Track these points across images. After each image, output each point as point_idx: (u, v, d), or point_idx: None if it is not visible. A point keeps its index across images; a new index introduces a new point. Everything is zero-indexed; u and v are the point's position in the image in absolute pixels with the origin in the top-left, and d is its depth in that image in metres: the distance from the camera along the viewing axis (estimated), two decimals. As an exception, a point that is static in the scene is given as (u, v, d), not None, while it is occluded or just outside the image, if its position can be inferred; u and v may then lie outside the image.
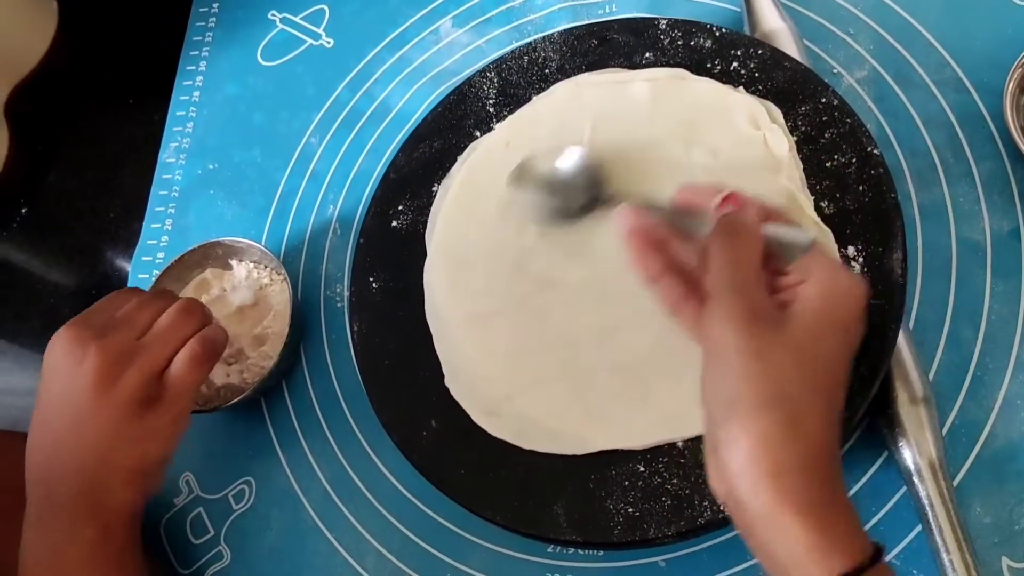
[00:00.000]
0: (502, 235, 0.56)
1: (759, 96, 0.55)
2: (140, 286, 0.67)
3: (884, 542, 0.36)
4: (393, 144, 0.68)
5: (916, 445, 0.47)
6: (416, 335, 0.55)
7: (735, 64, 0.56)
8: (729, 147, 0.53)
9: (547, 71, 0.61)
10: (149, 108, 0.75)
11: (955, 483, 0.49)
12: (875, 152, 0.51)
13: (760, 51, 0.56)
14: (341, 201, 0.67)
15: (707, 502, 0.46)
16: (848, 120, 0.52)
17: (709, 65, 0.57)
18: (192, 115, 0.74)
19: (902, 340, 0.50)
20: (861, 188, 0.50)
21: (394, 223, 0.59)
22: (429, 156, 0.61)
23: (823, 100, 0.53)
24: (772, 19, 0.60)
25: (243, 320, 0.62)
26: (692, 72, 0.57)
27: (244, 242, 0.62)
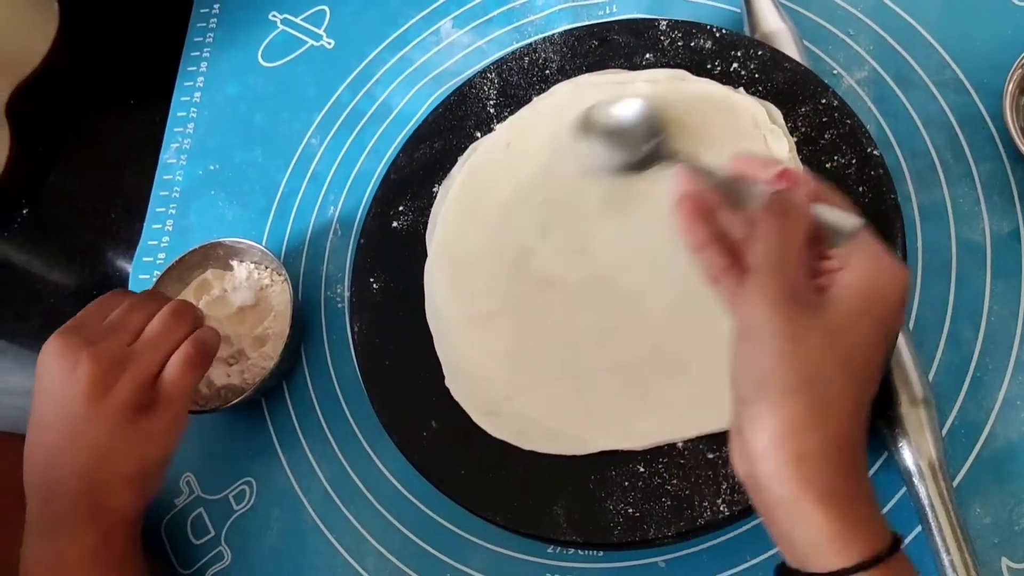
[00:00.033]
0: (502, 235, 0.56)
1: (759, 97, 0.55)
2: (141, 286, 0.67)
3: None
4: (394, 145, 0.68)
5: (916, 446, 0.47)
6: (416, 335, 0.55)
7: (735, 65, 0.56)
8: (729, 148, 0.53)
9: (547, 72, 0.61)
10: (150, 108, 0.75)
11: (955, 484, 0.49)
12: (875, 153, 0.51)
13: (760, 52, 0.56)
14: (342, 202, 0.67)
15: (707, 503, 0.46)
16: (848, 121, 0.52)
17: (709, 66, 0.57)
18: (193, 116, 0.74)
19: (902, 341, 0.50)
20: (861, 189, 0.50)
21: (395, 224, 0.59)
22: (430, 157, 0.61)
23: (823, 101, 0.53)
24: (772, 20, 0.60)
25: (244, 321, 0.62)
26: (692, 73, 0.57)
27: (245, 243, 0.62)
